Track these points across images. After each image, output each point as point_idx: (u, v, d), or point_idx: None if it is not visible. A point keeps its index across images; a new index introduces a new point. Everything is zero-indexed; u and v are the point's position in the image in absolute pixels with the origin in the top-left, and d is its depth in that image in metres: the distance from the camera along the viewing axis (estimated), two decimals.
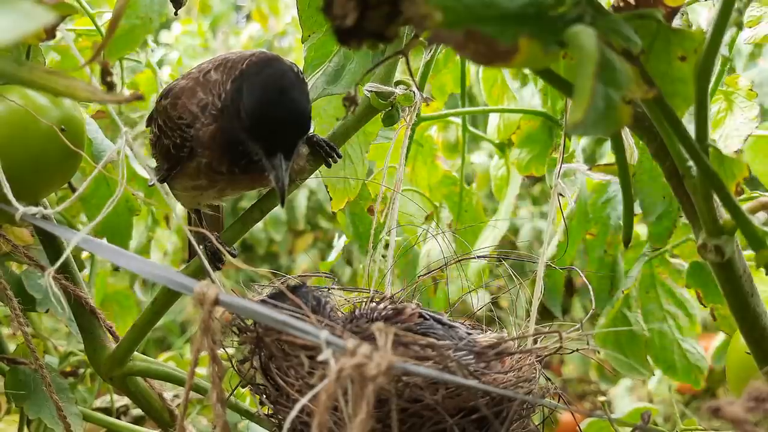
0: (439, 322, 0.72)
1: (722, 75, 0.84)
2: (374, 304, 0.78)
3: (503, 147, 1.08)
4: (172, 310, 0.83)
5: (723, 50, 0.73)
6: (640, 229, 1.04)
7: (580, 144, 1.06)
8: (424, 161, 1.17)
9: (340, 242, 1.24)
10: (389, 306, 0.76)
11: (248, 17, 3.23)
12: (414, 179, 1.18)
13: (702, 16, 0.98)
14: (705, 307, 0.97)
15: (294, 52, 2.69)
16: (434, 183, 1.18)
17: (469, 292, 0.83)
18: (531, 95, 1.11)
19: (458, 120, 1.16)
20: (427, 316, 0.72)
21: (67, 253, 0.60)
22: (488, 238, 1.10)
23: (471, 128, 1.14)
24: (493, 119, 1.15)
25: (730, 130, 0.83)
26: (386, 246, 0.85)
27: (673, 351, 0.99)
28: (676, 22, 0.63)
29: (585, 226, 1.04)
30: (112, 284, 1.31)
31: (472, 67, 1.14)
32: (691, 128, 0.55)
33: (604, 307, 1.00)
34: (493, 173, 1.17)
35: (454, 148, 1.32)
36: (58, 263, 0.60)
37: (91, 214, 1.00)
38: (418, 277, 0.84)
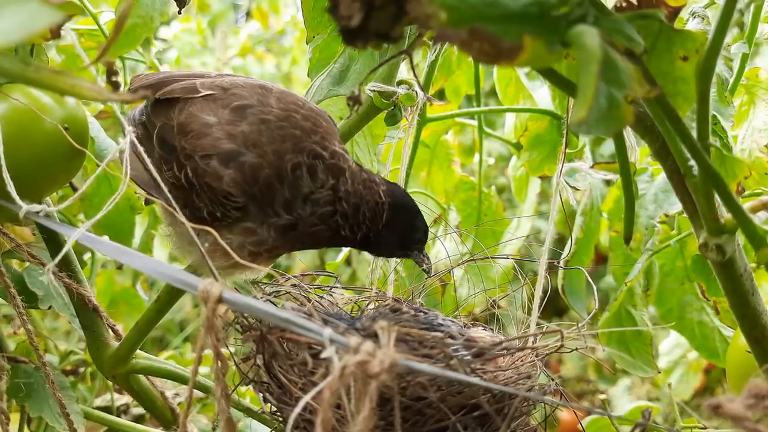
0: (432, 320, 0.72)
1: (743, 70, 0.84)
2: (369, 305, 0.79)
3: (520, 147, 1.08)
4: (171, 308, 0.83)
5: (743, 47, 0.74)
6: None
7: (588, 141, 1.06)
8: (440, 166, 1.18)
9: None
10: (384, 307, 0.77)
11: (246, 16, 3.23)
12: (429, 184, 1.18)
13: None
14: (708, 300, 0.98)
15: (293, 51, 2.69)
16: (450, 187, 1.18)
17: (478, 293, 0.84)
18: (548, 96, 1.10)
19: (472, 121, 1.16)
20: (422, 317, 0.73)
21: (67, 247, 0.60)
22: (510, 239, 1.11)
23: (487, 129, 1.14)
24: (510, 119, 1.15)
25: (758, 124, 0.84)
26: None
27: (715, 339, 1.00)
28: (696, 25, 0.63)
29: (598, 223, 1.04)
30: (120, 283, 1.31)
31: (488, 68, 1.14)
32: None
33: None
34: (512, 173, 1.17)
35: (470, 151, 1.32)
36: (58, 257, 0.60)
37: (91, 213, 1.00)
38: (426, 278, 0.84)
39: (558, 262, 0.88)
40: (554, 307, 1.86)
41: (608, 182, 1.08)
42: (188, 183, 0.66)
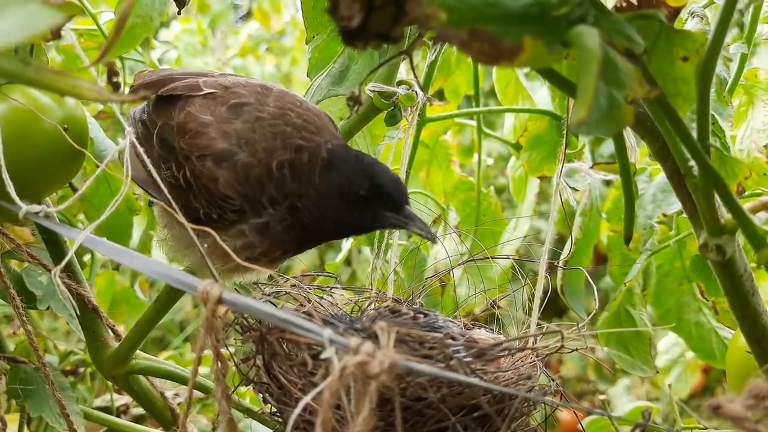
0: (433, 323, 0.72)
1: (741, 70, 0.84)
2: (369, 306, 0.79)
3: (519, 147, 1.08)
4: (171, 309, 0.83)
5: (741, 47, 0.74)
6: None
7: (588, 141, 1.06)
8: (439, 166, 1.18)
9: (346, 244, 1.25)
10: (384, 308, 0.77)
11: (246, 16, 3.23)
12: (428, 184, 1.18)
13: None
14: (707, 301, 0.98)
15: (293, 51, 2.69)
16: (449, 188, 1.18)
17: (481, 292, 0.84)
18: (547, 96, 1.10)
19: (472, 122, 1.16)
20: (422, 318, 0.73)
21: (72, 252, 0.60)
22: (510, 240, 1.11)
23: (486, 129, 1.14)
24: (509, 119, 1.15)
25: (757, 125, 0.84)
26: (386, 248, 0.85)
27: (712, 340, 1.01)
28: (695, 25, 0.63)
29: (597, 224, 1.04)
30: (121, 283, 1.31)
31: (487, 68, 1.14)
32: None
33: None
34: (511, 174, 1.17)
35: (469, 151, 1.32)
36: (64, 262, 0.60)
37: (91, 214, 1.00)
38: (426, 279, 0.84)
39: (557, 263, 0.88)
40: (554, 308, 1.86)
41: (608, 183, 1.08)
42: (186, 184, 0.66)
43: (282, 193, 0.65)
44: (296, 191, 0.65)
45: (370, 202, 0.65)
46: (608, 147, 1.90)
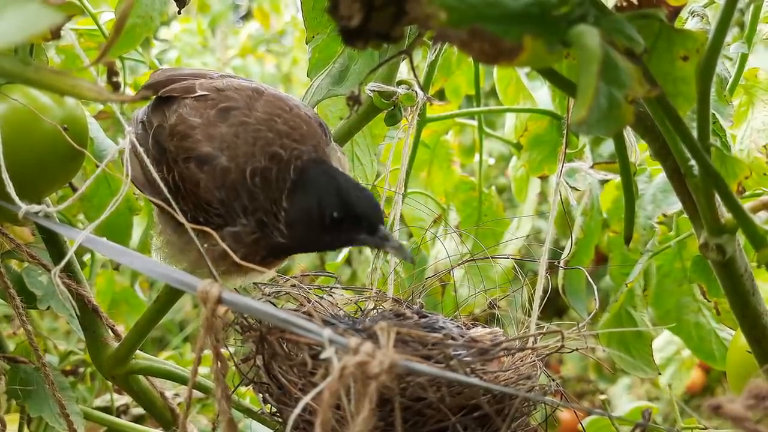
0: (433, 323, 0.72)
1: (741, 70, 0.84)
2: (372, 308, 0.79)
3: (520, 147, 1.08)
4: (171, 308, 0.83)
5: (742, 47, 0.74)
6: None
7: (588, 141, 1.06)
8: (440, 166, 1.18)
9: None
10: (388, 310, 0.77)
11: (246, 16, 3.23)
12: (429, 184, 1.18)
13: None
14: (709, 301, 0.98)
15: (294, 51, 2.69)
16: (450, 188, 1.18)
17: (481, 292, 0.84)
18: (548, 96, 1.10)
19: (472, 121, 1.16)
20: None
21: (72, 252, 0.60)
22: (511, 239, 1.11)
23: (487, 129, 1.14)
24: (510, 119, 1.15)
25: (757, 125, 0.84)
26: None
27: (711, 341, 1.00)
28: (695, 24, 0.63)
29: (598, 223, 1.04)
30: (121, 283, 1.31)
31: (488, 68, 1.14)
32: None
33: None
34: (512, 174, 1.17)
35: (470, 151, 1.32)
36: (64, 262, 0.60)
37: (91, 214, 1.00)
38: (426, 279, 0.84)
39: (558, 262, 0.87)
40: (554, 307, 1.86)
41: (604, 182, 1.08)
42: (175, 186, 0.66)
43: (253, 206, 0.64)
44: (264, 207, 0.64)
45: (344, 224, 0.63)
46: (608, 147, 1.90)
